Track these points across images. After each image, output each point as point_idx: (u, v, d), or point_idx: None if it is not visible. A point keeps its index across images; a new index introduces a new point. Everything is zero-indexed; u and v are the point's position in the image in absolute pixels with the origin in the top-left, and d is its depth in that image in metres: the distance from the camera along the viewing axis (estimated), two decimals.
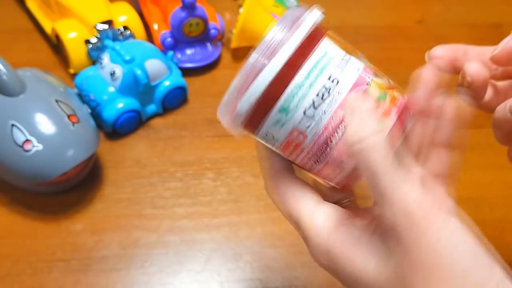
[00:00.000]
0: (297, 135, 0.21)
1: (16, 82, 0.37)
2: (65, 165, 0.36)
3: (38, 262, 0.36)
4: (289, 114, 0.21)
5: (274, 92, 0.20)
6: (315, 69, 0.21)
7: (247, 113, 0.21)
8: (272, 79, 0.20)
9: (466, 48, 0.25)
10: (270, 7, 0.53)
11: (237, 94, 0.21)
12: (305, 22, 0.21)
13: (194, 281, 0.35)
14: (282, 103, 0.21)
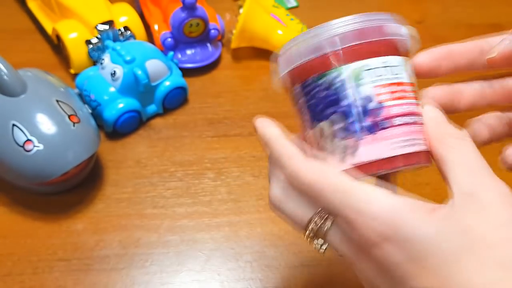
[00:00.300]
0: (413, 85, 0.23)
1: (17, 82, 0.37)
2: (66, 165, 0.37)
3: (39, 262, 0.36)
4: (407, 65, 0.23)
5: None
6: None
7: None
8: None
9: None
10: (270, 7, 0.53)
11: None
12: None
13: (194, 280, 0.36)
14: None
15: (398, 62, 0.22)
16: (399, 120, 0.21)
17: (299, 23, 0.52)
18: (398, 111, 0.21)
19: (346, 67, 0.22)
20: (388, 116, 0.21)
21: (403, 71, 0.23)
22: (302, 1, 0.60)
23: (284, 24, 0.51)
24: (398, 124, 0.21)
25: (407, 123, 0.21)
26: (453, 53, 0.25)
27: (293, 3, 0.59)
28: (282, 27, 0.51)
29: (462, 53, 0.25)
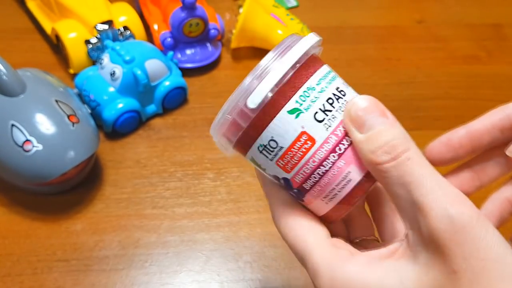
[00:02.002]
0: (304, 139, 0.21)
1: (16, 82, 0.37)
2: (65, 165, 0.37)
3: (38, 262, 0.36)
4: (299, 116, 0.21)
5: (287, 90, 0.21)
6: (325, 79, 0.22)
7: (258, 107, 0.20)
8: (285, 75, 0.21)
9: (460, 139, 0.24)
10: (270, 7, 0.53)
11: (244, 96, 0.21)
12: (311, 36, 0.22)
13: (194, 281, 0.35)
14: (293, 103, 0.21)
15: (280, 124, 0.21)
16: (308, 184, 0.22)
17: (299, 23, 0.52)
18: (301, 178, 0.21)
19: (246, 157, 0.23)
20: (298, 184, 0.22)
21: (287, 131, 0.21)
22: (302, 1, 0.60)
23: (284, 24, 0.51)
24: (310, 187, 0.22)
25: (316, 182, 0.21)
26: (472, 136, 0.23)
27: (293, 3, 0.59)
28: (282, 27, 0.51)
29: (481, 136, 0.23)
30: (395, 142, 0.19)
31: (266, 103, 0.21)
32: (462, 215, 0.18)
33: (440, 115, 0.48)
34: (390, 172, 0.19)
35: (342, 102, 0.21)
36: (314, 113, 0.21)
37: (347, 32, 0.56)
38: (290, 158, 0.21)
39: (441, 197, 0.18)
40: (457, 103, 0.49)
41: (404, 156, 0.19)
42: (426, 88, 0.50)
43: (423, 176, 0.18)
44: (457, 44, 0.55)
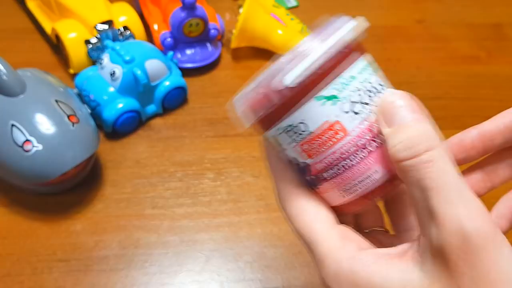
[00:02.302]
0: (337, 129, 0.20)
1: (16, 82, 0.37)
2: (65, 165, 0.37)
3: (38, 262, 0.36)
4: (337, 105, 0.19)
5: (328, 74, 0.19)
6: (368, 69, 0.20)
7: (294, 88, 0.19)
8: (332, 58, 0.19)
9: (472, 140, 0.23)
10: (270, 7, 0.53)
11: (283, 71, 0.19)
12: (362, 20, 0.21)
13: (194, 281, 0.35)
14: (332, 90, 0.19)
15: (312, 111, 0.20)
16: (328, 174, 0.21)
17: (299, 23, 0.52)
18: (322, 166, 0.20)
19: (264, 135, 0.22)
20: (317, 172, 0.21)
21: (325, 116, 0.20)
22: (302, 0, 0.60)
23: (284, 23, 0.51)
24: (330, 178, 0.21)
25: (338, 173, 0.20)
26: (484, 137, 0.23)
27: (293, 3, 0.59)
28: (282, 26, 0.51)
29: (493, 137, 0.23)
30: (418, 138, 0.18)
31: (305, 83, 0.19)
32: (477, 233, 0.17)
33: (440, 114, 0.47)
34: (411, 172, 0.18)
35: (380, 97, 0.20)
36: (351, 104, 0.20)
37: None
38: (316, 144, 0.20)
39: (459, 209, 0.17)
40: (457, 103, 0.49)
41: (426, 156, 0.18)
42: (426, 88, 0.50)
43: (444, 183, 0.18)
44: (457, 44, 0.55)
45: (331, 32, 0.20)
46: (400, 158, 0.19)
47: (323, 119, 0.20)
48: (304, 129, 0.20)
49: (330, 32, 0.20)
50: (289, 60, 0.19)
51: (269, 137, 0.22)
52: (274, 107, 0.20)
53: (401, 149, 0.18)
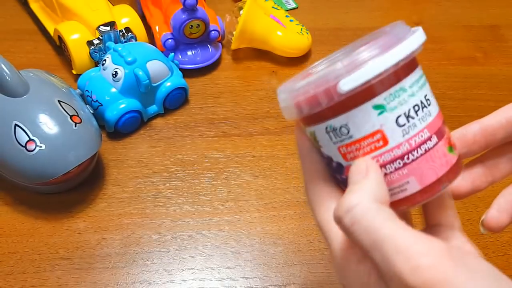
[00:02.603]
0: (378, 138, 0.20)
1: (19, 83, 0.38)
2: (68, 165, 0.37)
3: (41, 261, 0.36)
4: (382, 114, 0.20)
5: (381, 85, 0.20)
6: (418, 83, 0.21)
7: (345, 94, 0.19)
8: (387, 70, 0.19)
9: (474, 134, 0.23)
10: (270, 9, 0.53)
11: (338, 75, 0.19)
12: (421, 33, 0.21)
13: (195, 279, 0.36)
14: (381, 100, 0.20)
15: (361, 114, 0.20)
16: None
17: (299, 25, 0.53)
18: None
19: (305, 129, 0.22)
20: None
21: (369, 121, 0.20)
22: (301, 2, 0.60)
23: (283, 25, 0.52)
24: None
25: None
26: (486, 132, 0.23)
27: (292, 5, 0.60)
28: (281, 28, 0.51)
29: (495, 131, 0.23)
30: (340, 203, 0.19)
31: (357, 91, 0.19)
32: (420, 283, 0.16)
33: None
34: (348, 236, 0.19)
35: (425, 112, 0.21)
36: (397, 116, 0.20)
37: (346, 34, 0.56)
38: (355, 149, 0.21)
39: (396, 266, 0.17)
40: (454, 103, 0.49)
41: (347, 220, 0.18)
42: None
43: (375, 242, 0.17)
44: (454, 45, 0.56)
45: (392, 42, 0.20)
46: (336, 224, 0.19)
47: (366, 126, 0.20)
48: (346, 133, 0.21)
49: (391, 42, 0.20)
50: (346, 65, 0.20)
51: (309, 133, 0.22)
52: (320, 108, 0.20)
53: (333, 214, 0.19)
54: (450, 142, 0.22)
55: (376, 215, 0.18)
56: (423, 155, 0.20)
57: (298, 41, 0.51)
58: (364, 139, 0.20)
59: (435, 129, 0.21)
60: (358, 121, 0.20)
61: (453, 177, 0.21)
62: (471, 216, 0.40)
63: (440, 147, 0.21)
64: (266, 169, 0.43)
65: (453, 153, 0.22)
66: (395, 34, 0.20)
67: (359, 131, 0.20)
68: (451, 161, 0.21)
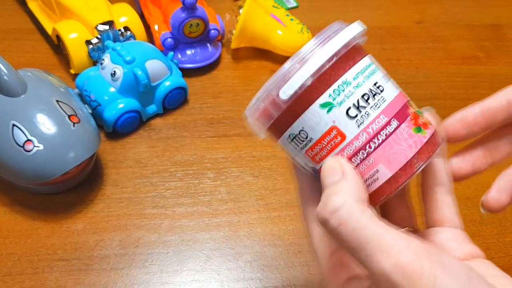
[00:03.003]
0: (334, 134, 0.20)
1: (17, 83, 0.37)
2: (66, 165, 0.37)
3: (39, 262, 0.36)
4: (331, 111, 0.20)
5: (320, 83, 0.20)
6: (363, 73, 0.21)
7: (289, 99, 0.20)
8: (320, 68, 0.20)
9: (475, 116, 0.24)
10: (270, 8, 0.53)
11: (278, 85, 0.20)
12: (355, 25, 0.21)
13: (194, 280, 0.36)
14: (326, 97, 0.20)
15: (315, 113, 0.21)
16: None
17: (299, 24, 0.52)
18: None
19: (277, 143, 0.23)
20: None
21: (325, 120, 0.21)
22: (302, 1, 0.60)
23: (284, 24, 0.51)
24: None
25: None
26: (487, 114, 0.23)
27: (292, 4, 0.60)
28: (281, 27, 0.51)
29: (496, 113, 0.23)
30: (323, 204, 0.19)
31: (298, 95, 0.20)
32: (402, 279, 0.17)
33: (439, 115, 0.48)
34: (333, 236, 0.19)
35: (378, 99, 0.21)
36: (347, 109, 0.20)
37: None
38: (319, 150, 0.21)
39: (380, 262, 0.17)
40: (456, 103, 0.49)
41: (334, 221, 0.18)
42: (425, 88, 0.50)
43: (359, 241, 0.18)
44: (456, 44, 0.55)
45: (324, 39, 0.20)
46: (320, 225, 0.19)
47: (320, 126, 0.21)
48: (305, 137, 0.21)
49: (324, 39, 0.20)
50: (287, 70, 0.20)
51: (280, 148, 0.23)
52: (274, 119, 0.21)
53: (317, 216, 0.19)
54: (418, 122, 0.22)
55: (361, 215, 0.18)
56: (384, 141, 0.21)
57: (299, 40, 0.51)
58: (323, 138, 0.21)
59: (394, 112, 0.21)
60: (311, 122, 0.21)
61: (426, 157, 0.21)
62: (473, 217, 0.40)
63: (403, 129, 0.21)
64: (266, 170, 0.43)
65: (422, 133, 0.21)
66: (327, 33, 0.21)
67: (316, 132, 0.21)
68: (420, 141, 0.21)
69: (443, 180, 0.23)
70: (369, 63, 0.21)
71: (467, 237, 0.23)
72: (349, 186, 0.19)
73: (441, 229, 0.23)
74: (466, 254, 0.22)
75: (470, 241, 0.23)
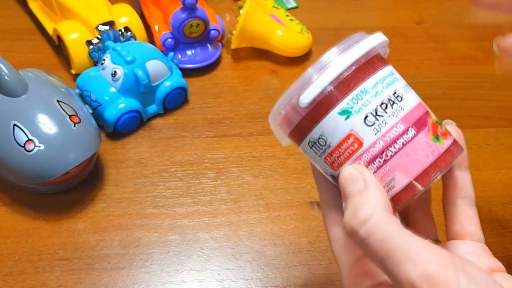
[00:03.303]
0: (352, 141, 0.21)
1: (18, 83, 0.38)
2: (67, 165, 0.37)
3: (39, 261, 0.36)
4: (350, 118, 0.21)
5: (339, 91, 0.21)
6: (383, 82, 0.21)
7: (309, 106, 0.21)
8: (339, 76, 0.20)
9: None
10: (270, 8, 0.53)
11: (298, 92, 0.21)
12: (376, 36, 0.22)
13: (194, 280, 0.36)
14: (344, 104, 0.21)
15: (334, 121, 0.21)
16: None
17: (299, 24, 0.52)
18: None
19: (300, 148, 0.23)
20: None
21: (342, 128, 0.21)
22: (302, 1, 0.60)
23: (284, 24, 0.51)
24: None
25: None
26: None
27: (292, 4, 0.60)
28: (281, 27, 0.51)
29: None
30: (352, 214, 0.19)
31: (317, 102, 0.21)
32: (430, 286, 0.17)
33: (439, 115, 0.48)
34: (360, 246, 0.19)
35: (396, 108, 0.21)
36: (364, 117, 0.21)
37: (346, 33, 0.55)
38: (337, 157, 0.21)
39: (408, 271, 0.18)
40: (455, 103, 0.49)
41: (363, 231, 0.19)
42: (425, 88, 0.50)
43: (387, 251, 0.18)
44: (455, 44, 0.55)
45: (346, 48, 0.21)
46: (348, 235, 0.20)
47: (338, 132, 0.21)
48: (324, 143, 0.21)
49: (345, 48, 0.21)
50: (308, 77, 0.21)
51: (303, 152, 0.23)
52: (294, 126, 0.22)
53: (344, 226, 0.20)
54: (436, 131, 0.22)
55: (388, 225, 0.19)
56: (401, 149, 0.21)
57: (299, 41, 0.51)
58: (341, 145, 0.21)
59: (412, 121, 0.21)
60: (330, 129, 0.21)
61: (443, 166, 0.21)
62: None
63: (421, 138, 0.21)
64: (267, 170, 0.43)
65: (440, 142, 0.22)
66: (350, 42, 0.21)
67: (334, 138, 0.21)
68: (438, 150, 0.21)
69: (467, 193, 0.23)
70: (389, 72, 0.22)
71: (488, 251, 0.23)
72: (375, 195, 0.20)
73: (461, 242, 0.23)
74: (486, 268, 0.22)
75: (490, 255, 0.23)
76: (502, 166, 0.44)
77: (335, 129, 0.21)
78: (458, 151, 0.22)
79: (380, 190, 0.20)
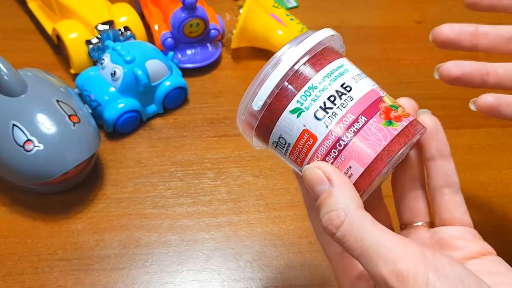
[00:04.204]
0: (307, 137, 0.22)
1: (17, 82, 0.37)
2: (66, 165, 0.37)
3: (39, 262, 0.36)
4: (301, 115, 0.22)
5: (288, 91, 0.22)
6: (330, 76, 0.22)
7: (261, 110, 0.22)
8: (285, 77, 0.22)
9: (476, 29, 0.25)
10: (270, 7, 0.53)
11: (251, 97, 0.22)
12: (323, 31, 0.23)
13: (194, 280, 0.36)
14: (294, 103, 0.22)
15: (289, 120, 0.22)
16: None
17: (299, 23, 0.52)
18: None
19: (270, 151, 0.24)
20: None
21: (297, 123, 0.22)
22: (302, 1, 0.60)
23: (284, 24, 0.51)
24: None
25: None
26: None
27: (293, 3, 0.60)
28: (282, 27, 0.51)
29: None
30: (328, 217, 0.20)
31: (268, 105, 0.22)
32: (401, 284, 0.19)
33: (439, 115, 0.47)
34: (340, 244, 0.21)
35: (344, 98, 0.22)
36: (314, 112, 0.22)
37: (347, 32, 0.56)
38: (298, 154, 0.22)
39: (381, 268, 0.19)
40: (456, 103, 0.49)
41: (339, 234, 0.20)
42: (426, 88, 0.50)
43: (362, 250, 0.20)
44: None
45: (288, 49, 0.22)
46: (328, 236, 0.21)
47: (294, 130, 0.22)
48: (285, 142, 0.23)
49: (288, 49, 0.22)
50: (255, 84, 0.22)
51: (272, 152, 0.24)
52: (254, 129, 0.23)
53: (323, 230, 0.21)
54: (389, 116, 0.22)
55: (361, 225, 0.20)
56: (353, 137, 0.21)
57: None
58: (298, 142, 0.22)
59: (362, 109, 0.22)
60: (286, 128, 0.22)
61: (397, 148, 0.22)
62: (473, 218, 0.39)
63: (372, 124, 0.22)
64: (267, 170, 0.43)
65: (393, 126, 0.22)
66: (293, 43, 0.22)
67: (291, 136, 0.22)
68: (391, 134, 0.22)
69: (452, 180, 0.24)
70: (339, 65, 0.23)
71: (477, 235, 0.23)
72: (342, 194, 0.21)
73: (451, 228, 0.24)
74: (475, 252, 0.22)
75: (480, 238, 0.23)
76: (504, 166, 0.44)
77: (291, 127, 0.22)
78: (416, 130, 0.22)
79: (346, 185, 0.21)
